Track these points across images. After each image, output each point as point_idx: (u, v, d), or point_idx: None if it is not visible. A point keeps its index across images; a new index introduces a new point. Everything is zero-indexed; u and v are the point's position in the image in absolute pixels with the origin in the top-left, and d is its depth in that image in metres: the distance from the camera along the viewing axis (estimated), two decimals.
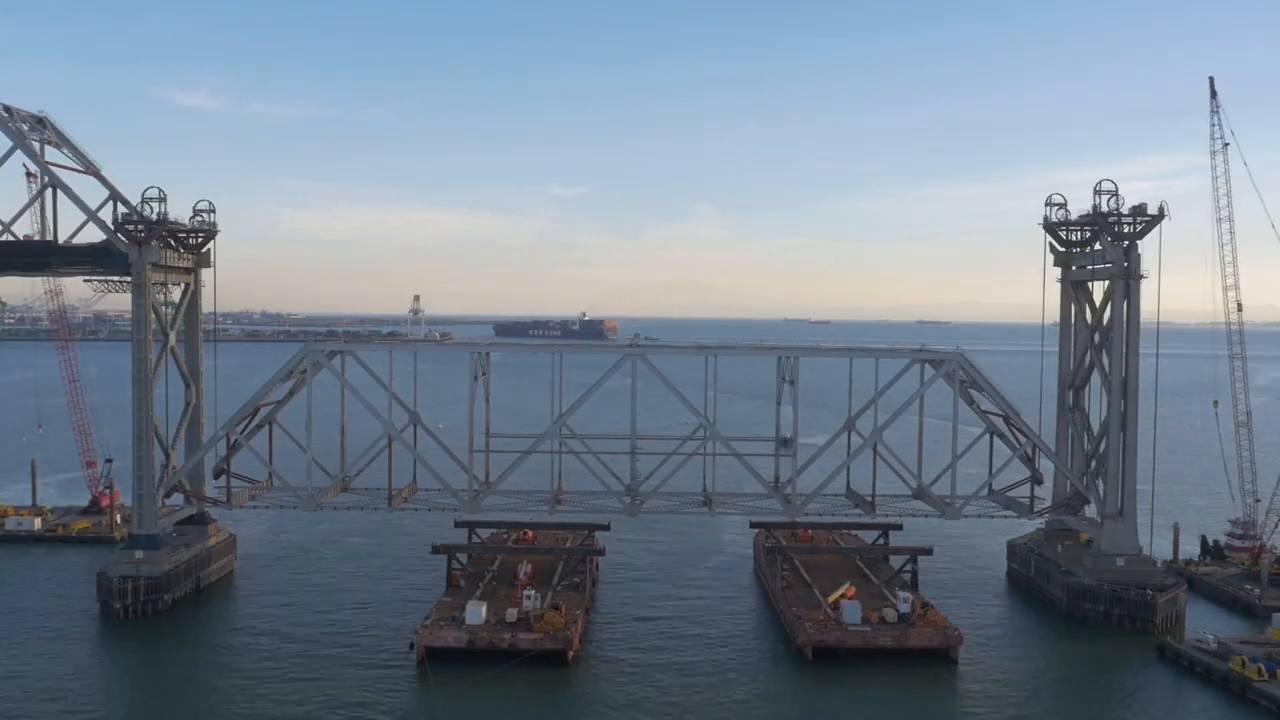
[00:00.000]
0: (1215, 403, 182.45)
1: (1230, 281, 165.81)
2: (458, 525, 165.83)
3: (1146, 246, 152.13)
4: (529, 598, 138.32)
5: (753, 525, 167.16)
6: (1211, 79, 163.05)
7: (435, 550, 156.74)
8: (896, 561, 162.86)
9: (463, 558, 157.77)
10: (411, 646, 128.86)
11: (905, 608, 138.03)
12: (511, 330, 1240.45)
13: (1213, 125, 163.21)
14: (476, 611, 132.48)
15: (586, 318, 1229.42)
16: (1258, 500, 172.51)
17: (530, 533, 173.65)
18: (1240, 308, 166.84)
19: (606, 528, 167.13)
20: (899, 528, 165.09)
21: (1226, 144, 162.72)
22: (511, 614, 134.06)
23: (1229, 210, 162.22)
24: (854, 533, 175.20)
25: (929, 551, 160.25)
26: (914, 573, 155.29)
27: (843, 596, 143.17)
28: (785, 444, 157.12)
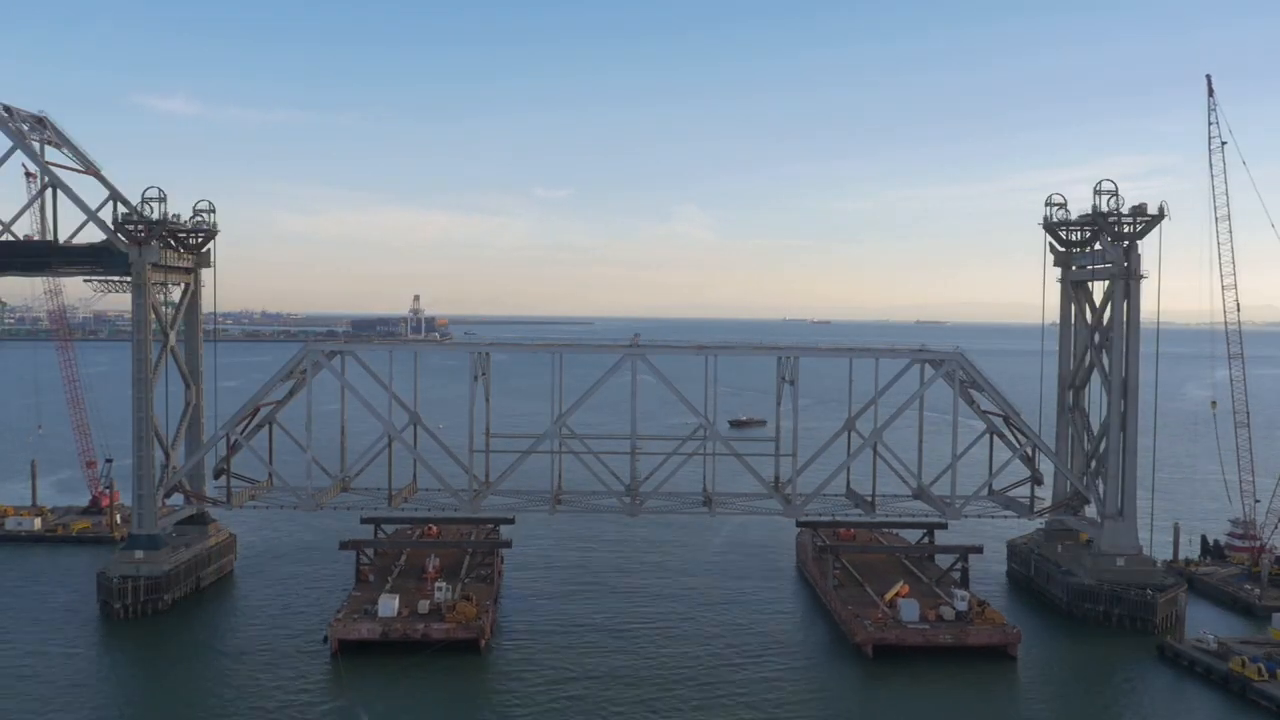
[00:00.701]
0: (1213, 403, 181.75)
1: (1229, 281, 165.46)
2: (364, 521, 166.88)
3: (1146, 246, 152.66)
4: (440, 589, 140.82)
5: (799, 525, 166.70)
6: (1209, 77, 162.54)
7: (343, 546, 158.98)
8: (942, 560, 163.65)
9: (370, 552, 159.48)
10: (325, 640, 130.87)
11: (962, 605, 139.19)
12: (361, 326, 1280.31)
13: (1210, 124, 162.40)
14: (389, 604, 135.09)
15: (419, 315, 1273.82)
16: (1257, 500, 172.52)
17: (434, 528, 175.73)
18: (1239, 307, 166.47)
19: (511, 521, 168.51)
20: (944, 526, 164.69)
21: (1224, 142, 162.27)
22: (424, 605, 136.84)
23: (1228, 209, 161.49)
24: (895, 531, 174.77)
25: (979, 550, 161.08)
26: (964, 570, 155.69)
27: (897, 595, 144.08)
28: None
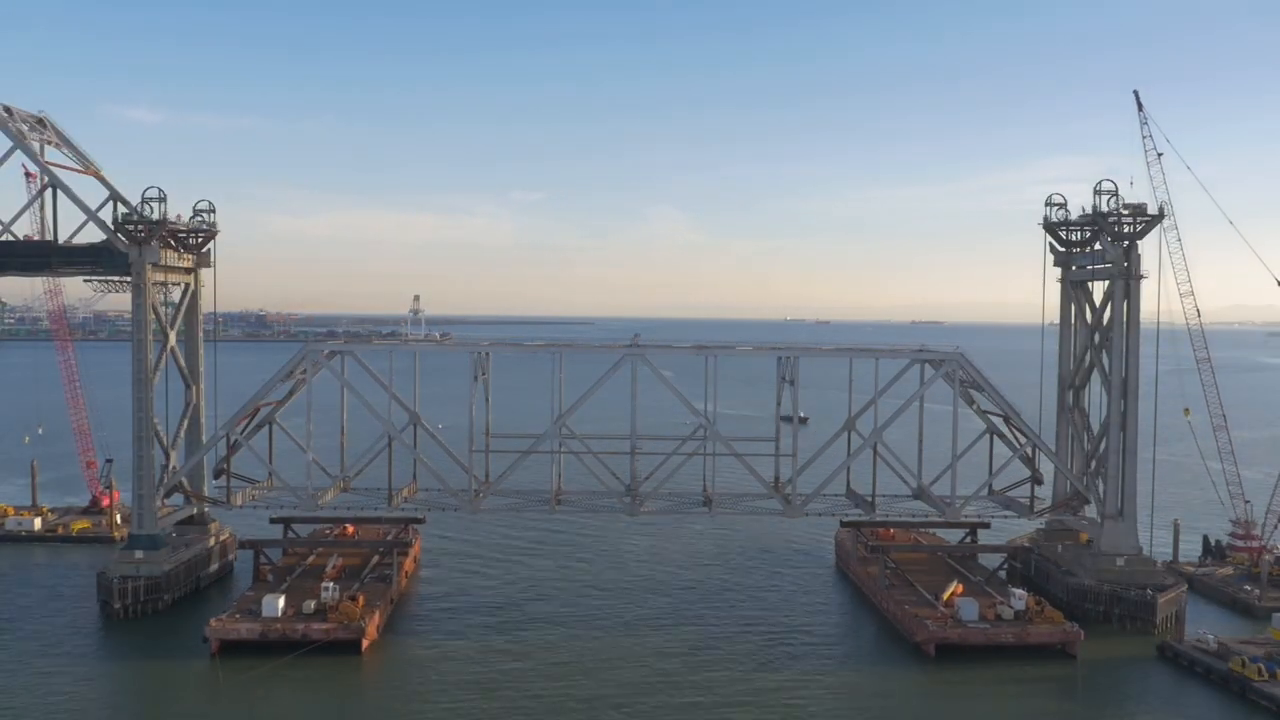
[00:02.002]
0: (1186, 410, 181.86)
1: (1186, 288, 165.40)
2: (273, 521, 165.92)
3: (1146, 246, 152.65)
4: (327, 589, 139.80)
5: (843, 524, 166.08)
6: (1136, 92, 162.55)
7: (243, 545, 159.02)
8: (987, 559, 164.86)
9: (273, 553, 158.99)
10: (206, 640, 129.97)
11: (1020, 604, 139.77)
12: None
13: (1144, 137, 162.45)
14: (274, 604, 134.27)
15: (262, 312, 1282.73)
16: (1248, 501, 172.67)
17: (351, 527, 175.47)
18: (1199, 313, 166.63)
19: (422, 521, 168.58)
20: (986, 526, 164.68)
21: (1161, 154, 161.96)
22: (309, 605, 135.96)
23: (1173, 219, 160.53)
24: (932, 531, 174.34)
25: (1029, 549, 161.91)
26: (1012, 569, 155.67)
27: (953, 594, 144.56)
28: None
